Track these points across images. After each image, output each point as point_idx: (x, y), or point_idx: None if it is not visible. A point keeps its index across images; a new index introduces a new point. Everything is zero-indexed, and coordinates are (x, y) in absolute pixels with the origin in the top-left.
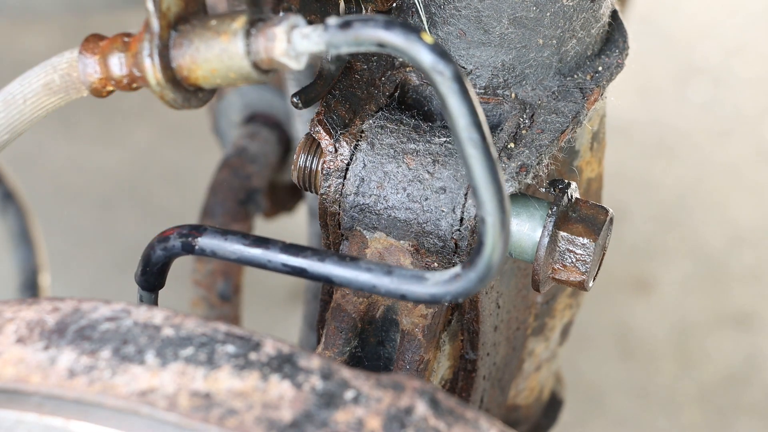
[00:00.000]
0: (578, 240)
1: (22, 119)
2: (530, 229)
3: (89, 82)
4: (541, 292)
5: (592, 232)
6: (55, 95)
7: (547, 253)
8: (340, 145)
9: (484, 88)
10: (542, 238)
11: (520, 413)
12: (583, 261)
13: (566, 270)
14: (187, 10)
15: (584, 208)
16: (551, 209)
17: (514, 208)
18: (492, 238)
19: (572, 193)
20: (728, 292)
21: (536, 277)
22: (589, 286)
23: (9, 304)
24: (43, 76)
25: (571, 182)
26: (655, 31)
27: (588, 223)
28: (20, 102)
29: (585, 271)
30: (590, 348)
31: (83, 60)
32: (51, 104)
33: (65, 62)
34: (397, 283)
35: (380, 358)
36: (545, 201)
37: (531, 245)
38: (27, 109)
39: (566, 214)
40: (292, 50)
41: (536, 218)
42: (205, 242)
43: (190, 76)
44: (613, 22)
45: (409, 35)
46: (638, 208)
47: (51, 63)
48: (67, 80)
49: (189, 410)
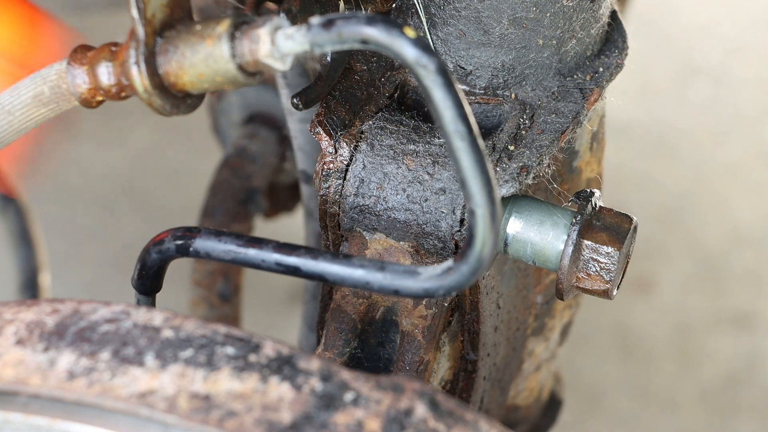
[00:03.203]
0: (602, 249)
1: (10, 130)
2: (554, 237)
3: (78, 93)
4: (565, 300)
5: (617, 241)
6: (45, 107)
7: (571, 262)
8: (339, 146)
9: (484, 89)
10: (566, 247)
11: (520, 413)
12: (607, 270)
13: (590, 279)
14: (173, 16)
15: (608, 217)
16: (575, 218)
17: (537, 217)
18: (482, 231)
19: (596, 201)
20: (728, 292)
21: (560, 286)
22: (613, 294)
23: (8, 306)
24: (32, 87)
25: (595, 191)
26: (655, 31)
27: (612, 231)
28: (7, 113)
29: (609, 280)
30: (590, 348)
31: (72, 71)
32: (41, 115)
33: (54, 73)
34: (390, 278)
35: (380, 359)
36: (569, 209)
37: (555, 254)
38: (15, 120)
39: (590, 223)
40: (277, 51)
41: (560, 227)
42: (200, 244)
43: (178, 82)
44: (613, 22)
45: (392, 30)
46: (638, 208)
47: (40, 74)
48: (56, 92)
49: (188, 412)
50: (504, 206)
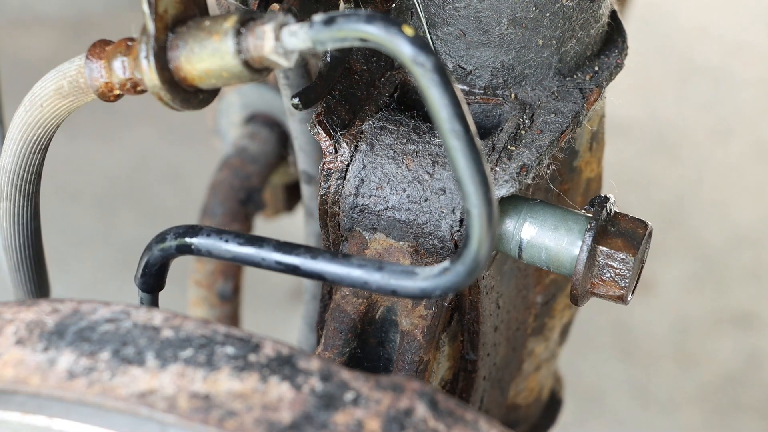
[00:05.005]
0: (617, 255)
1: (43, 122)
2: (569, 243)
3: (95, 87)
4: (580, 306)
5: (632, 247)
6: (65, 99)
7: (586, 268)
8: (339, 145)
9: (484, 89)
10: (581, 253)
11: (520, 413)
12: (622, 276)
13: (605, 285)
14: (186, 12)
15: (623, 222)
16: (590, 223)
17: (552, 222)
18: (479, 231)
19: (611, 207)
20: (728, 292)
21: (575, 291)
22: (628, 300)
23: (8, 306)
24: (55, 81)
25: (609, 196)
26: (655, 30)
27: (627, 237)
28: (39, 106)
29: (624, 285)
30: (590, 348)
31: (89, 65)
32: (64, 108)
33: (74, 68)
34: (387, 278)
35: (380, 359)
36: (583, 215)
37: (569, 260)
38: (46, 112)
39: (605, 228)
40: (281, 47)
41: (575, 232)
42: (201, 242)
43: (187, 77)
44: (613, 22)
45: (390, 28)
46: (638, 208)
47: (62, 68)
48: (74, 85)
49: (188, 412)
50: (518, 212)
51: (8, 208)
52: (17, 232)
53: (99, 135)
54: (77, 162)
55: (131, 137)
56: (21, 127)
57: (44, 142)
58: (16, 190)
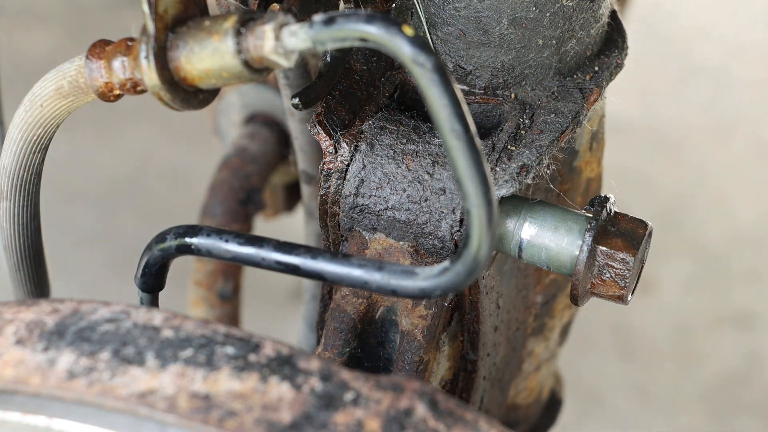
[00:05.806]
0: (617, 255)
1: (43, 121)
2: (569, 243)
3: (95, 87)
4: (580, 306)
5: (632, 247)
6: (65, 99)
7: (586, 268)
8: (340, 145)
9: (484, 89)
10: (581, 253)
11: (520, 413)
12: (622, 276)
13: (605, 285)
14: (187, 13)
15: (623, 222)
16: (590, 223)
17: (552, 222)
18: (478, 231)
19: (611, 207)
20: (728, 292)
21: (575, 291)
22: (628, 300)
23: (8, 306)
24: (55, 81)
25: (609, 196)
26: (655, 31)
27: (627, 237)
28: (39, 107)
29: (624, 285)
30: (590, 348)
31: (89, 65)
32: (64, 108)
33: (74, 68)
34: (387, 278)
35: (380, 359)
36: (584, 215)
37: (569, 260)
38: (46, 112)
39: (605, 228)
40: (281, 47)
41: (575, 232)
42: (201, 242)
43: (187, 77)
44: (613, 22)
45: (390, 28)
46: (638, 208)
47: (62, 68)
48: (74, 85)
49: (188, 412)
50: (518, 212)
51: (8, 208)
52: (17, 232)
53: (99, 135)
54: (77, 162)
55: (131, 137)
56: (21, 127)
57: (44, 142)
58: (16, 190)
